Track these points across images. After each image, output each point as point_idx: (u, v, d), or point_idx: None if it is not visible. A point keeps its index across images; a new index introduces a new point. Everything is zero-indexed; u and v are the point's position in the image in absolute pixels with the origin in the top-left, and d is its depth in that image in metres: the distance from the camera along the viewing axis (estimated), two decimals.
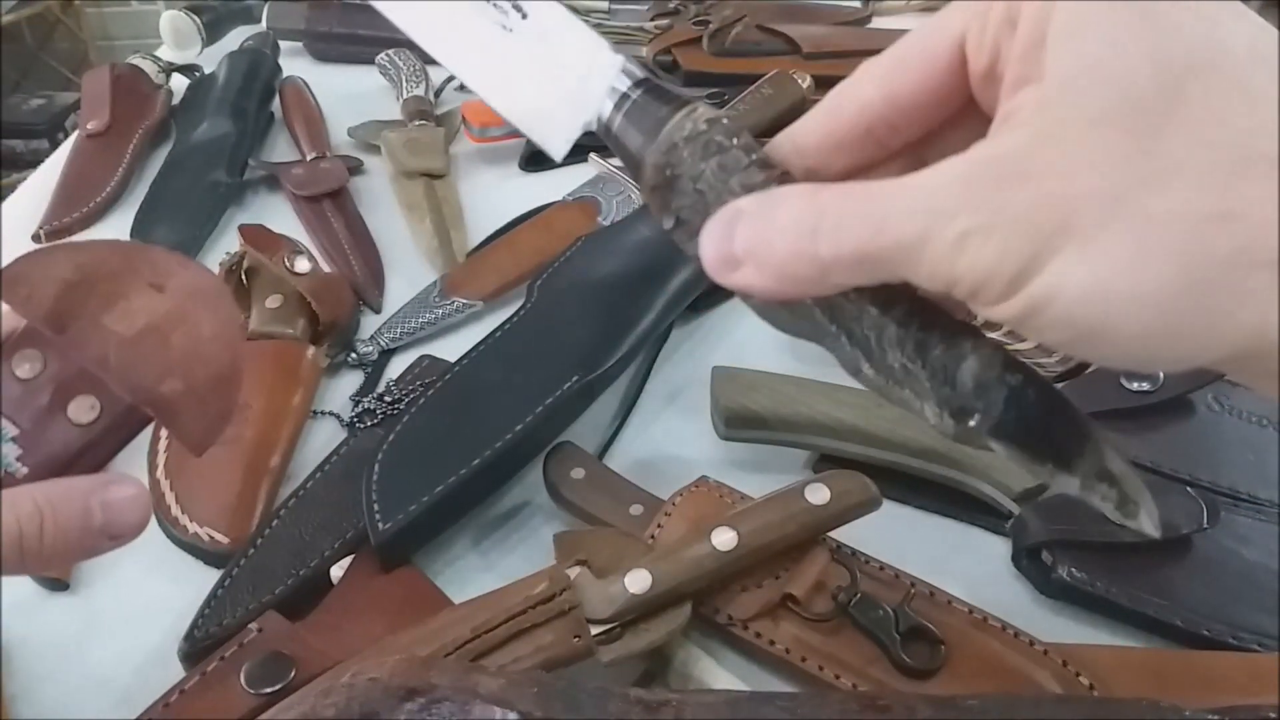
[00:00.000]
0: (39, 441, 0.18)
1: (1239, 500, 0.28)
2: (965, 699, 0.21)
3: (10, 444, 0.18)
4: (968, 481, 0.30)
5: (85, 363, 0.17)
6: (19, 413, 0.18)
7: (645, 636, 0.23)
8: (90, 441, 0.18)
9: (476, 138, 0.51)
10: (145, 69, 0.56)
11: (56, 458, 0.18)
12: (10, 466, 0.18)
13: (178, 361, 0.18)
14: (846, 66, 0.62)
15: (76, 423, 0.18)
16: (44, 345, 0.18)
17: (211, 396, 0.18)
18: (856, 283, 0.14)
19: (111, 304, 0.18)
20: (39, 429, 0.18)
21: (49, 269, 0.18)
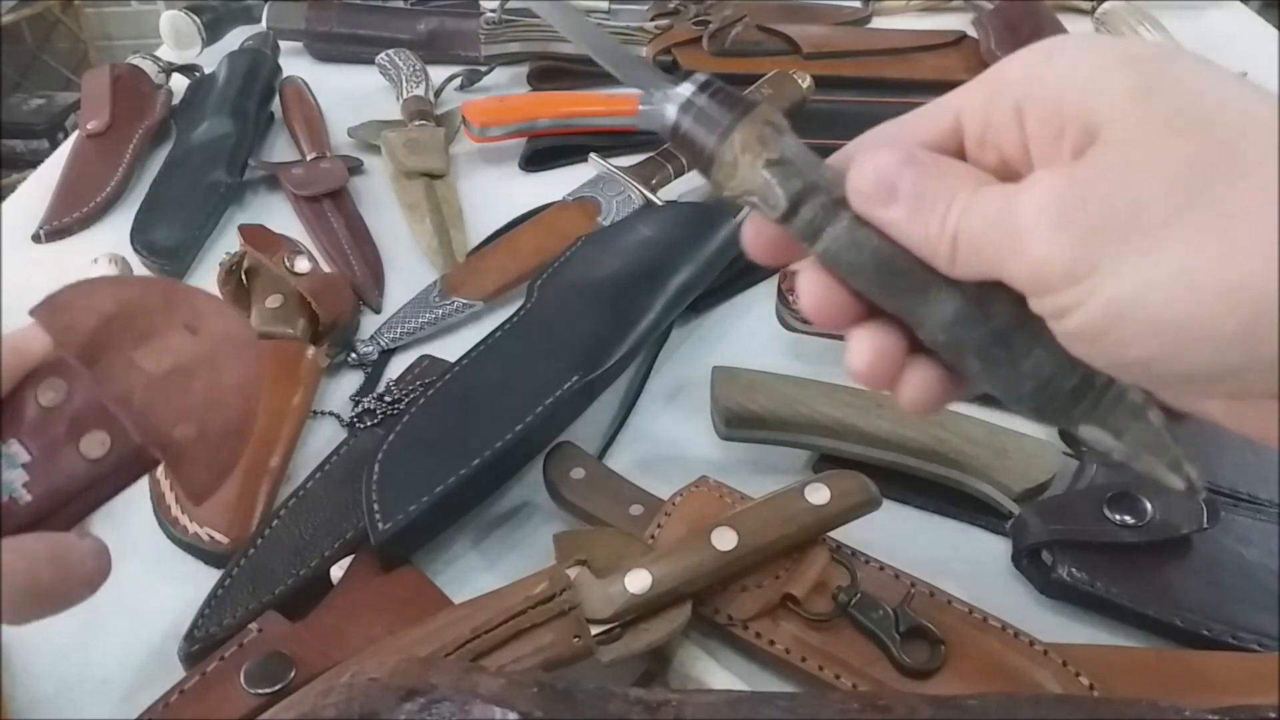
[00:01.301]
0: (47, 471, 0.17)
1: (1239, 500, 0.28)
2: (965, 699, 0.21)
3: (20, 470, 0.17)
4: (968, 481, 0.30)
5: (108, 398, 0.17)
6: (33, 440, 0.18)
7: (645, 636, 0.23)
8: (96, 478, 0.18)
9: (476, 137, 0.51)
10: (145, 69, 0.56)
11: (61, 490, 0.18)
12: (15, 492, 0.17)
13: (195, 407, 0.18)
14: (846, 66, 0.62)
15: (86, 457, 0.18)
16: (70, 376, 0.18)
17: (220, 447, 0.18)
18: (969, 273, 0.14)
19: (144, 341, 0.18)
20: (49, 458, 0.17)
21: (92, 300, 0.18)
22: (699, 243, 0.38)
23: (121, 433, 0.18)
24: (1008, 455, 0.29)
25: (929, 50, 0.58)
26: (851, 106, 0.53)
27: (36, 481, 0.17)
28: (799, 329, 0.36)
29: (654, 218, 0.41)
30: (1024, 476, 0.29)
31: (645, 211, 0.42)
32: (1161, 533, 0.26)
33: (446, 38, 0.62)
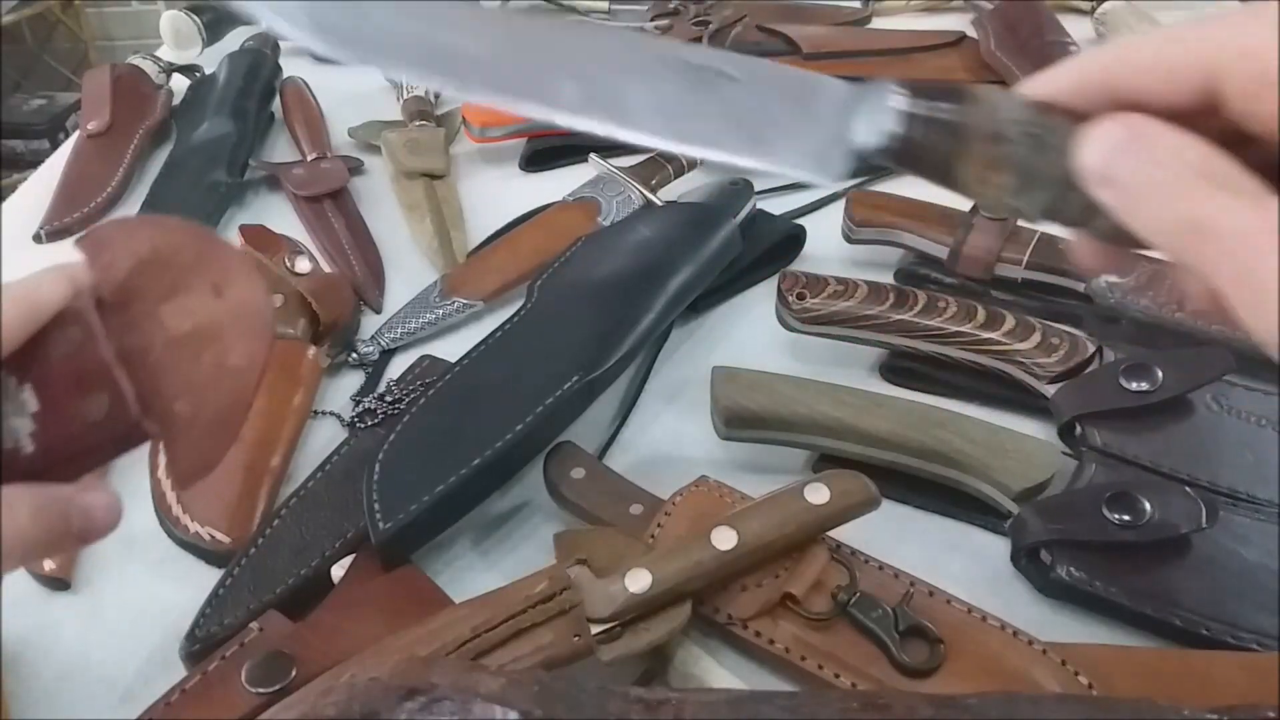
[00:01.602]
0: (52, 425, 0.16)
1: (1238, 500, 0.28)
2: (964, 698, 0.21)
3: (28, 419, 0.16)
4: (967, 481, 0.30)
5: (126, 349, 0.16)
6: (44, 389, 0.16)
7: (645, 636, 0.23)
8: (93, 442, 0.17)
9: (477, 138, 0.51)
10: (146, 69, 0.56)
11: (62, 447, 0.17)
12: (20, 441, 0.16)
13: (198, 382, 0.17)
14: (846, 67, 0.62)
15: (86, 419, 0.17)
16: (88, 330, 0.17)
17: (214, 431, 0.17)
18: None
19: (172, 295, 0.17)
20: (55, 411, 0.16)
21: (131, 240, 0.17)
22: (699, 243, 0.38)
23: (121, 401, 0.17)
24: (1007, 455, 0.29)
25: (929, 50, 0.58)
26: None
27: (42, 433, 0.16)
28: (799, 329, 0.36)
29: (654, 218, 0.41)
30: (1023, 476, 0.29)
31: (645, 212, 0.42)
32: (1160, 532, 0.26)
33: None
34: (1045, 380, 0.32)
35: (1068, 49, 0.55)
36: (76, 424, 0.17)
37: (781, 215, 0.45)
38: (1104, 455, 0.30)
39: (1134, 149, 0.13)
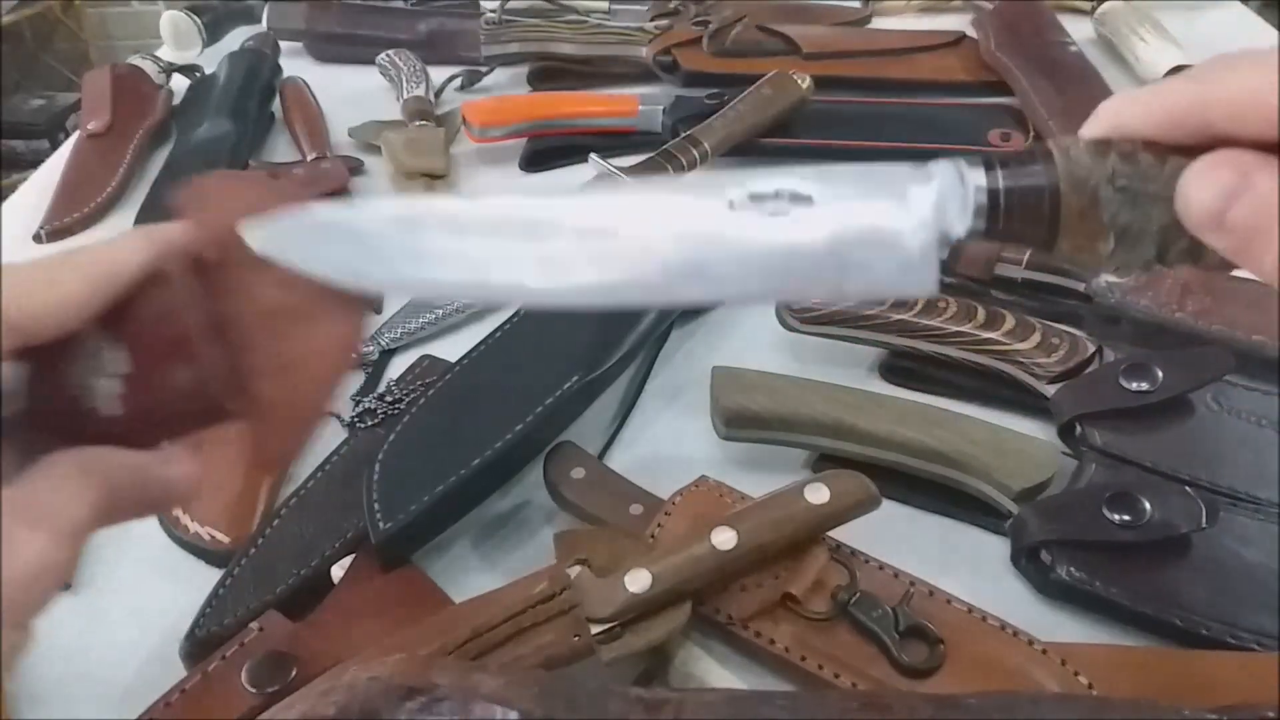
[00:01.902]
0: (140, 390, 0.15)
1: (1238, 500, 0.28)
2: (964, 698, 0.21)
3: (116, 380, 0.15)
4: (967, 481, 0.30)
5: (218, 316, 0.15)
6: (136, 352, 0.15)
7: (645, 636, 0.23)
8: (176, 412, 0.16)
9: (477, 138, 0.51)
10: (146, 69, 0.56)
11: (147, 416, 0.15)
12: (107, 404, 0.15)
13: (285, 362, 0.16)
14: (846, 67, 0.61)
15: (174, 387, 0.15)
16: (185, 295, 0.15)
17: (297, 417, 0.16)
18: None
19: (265, 263, 0.16)
20: (144, 377, 0.15)
21: (234, 197, 0.16)
22: None
23: (210, 373, 0.16)
24: (1007, 455, 0.29)
25: (928, 50, 0.58)
26: (851, 107, 0.53)
27: (128, 396, 0.15)
28: (799, 329, 0.36)
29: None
30: (1023, 476, 0.29)
31: None
32: (1160, 532, 0.26)
33: (447, 38, 0.62)
34: (1045, 380, 0.32)
35: (1067, 49, 0.55)
36: (165, 391, 0.16)
37: None
38: (1104, 455, 0.30)
39: (1245, 193, 0.12)
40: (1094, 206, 0.14)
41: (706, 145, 0.46)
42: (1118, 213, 0.14)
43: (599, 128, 0.52)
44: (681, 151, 0.45)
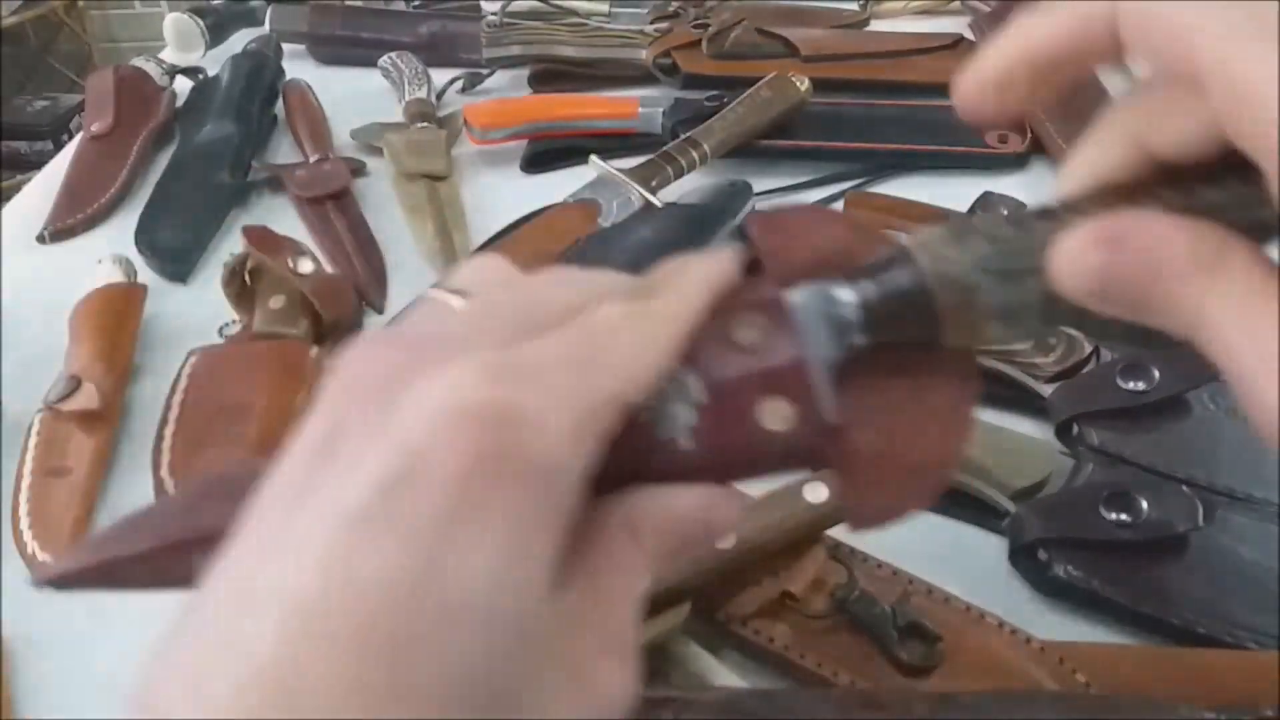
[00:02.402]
0: (717, 425, 0.13)
1: (1235, 499, 0.29)
2: (962, 696, 0.21)
3: (691, 410, 0.13)
4: (965, 480, 0.30)
5: (814, 364, 0.13)
6: (714, 380, 0.14)
7: (644, 634, 0.23)
8: (763, 454, 0.14)
9: (478, 140, 0.52)
10: (149, 71, 0.56)
11: (725, 454, 0.14)
12: (678, 434, 0.13)
13: (891, 418, 0.14)
14: (844, 69, 0.62)
15: (762, 425, 0.13)
16: (778, 318, 0.14)
17: (903, 478, 0.14)
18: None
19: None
20: (723, 410, 0.13)
21: (813, 233, 0.15)
22: (698, 244, 0.38)
23: (812, 414, 0.14)
24: (1004, 454, 0.29)
25: (926, 53, 0.58)
26: (850, 109, 0.53)
27: (703, 431, 0.13)
28: None
29: (654, 219, 0.41)
30: (1020, 475, 0.29)
31: (645, 213, 0.43)
32: (1157, 531, 0.26)
33: (448, 41, 0.63)
34: (1042, 380, 0.32)
35: None
36: (747, 428, 0.14)
37: None
38: (1101, 454, 0.30)
39: (1110, 263, 0.12)
40: (969, 296, 0.13)
41: (706, 147, 0.46)
42: (995, 296, 0.13)
43: (599, 130, 0.52)
44: (681, 153, 0.46)
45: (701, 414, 0.14)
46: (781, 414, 0.14)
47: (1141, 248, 0.12)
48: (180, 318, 0.40)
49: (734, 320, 0.14)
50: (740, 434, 0.14)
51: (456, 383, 0.11)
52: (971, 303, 0.13)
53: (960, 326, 0.13)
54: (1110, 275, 0.12)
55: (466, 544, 0.10)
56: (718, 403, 0.14)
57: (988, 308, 0.13)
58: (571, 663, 0.12)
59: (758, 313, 0.14)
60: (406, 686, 0.10)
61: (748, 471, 0.14)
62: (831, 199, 0.47)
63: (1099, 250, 0.12)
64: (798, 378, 0.14)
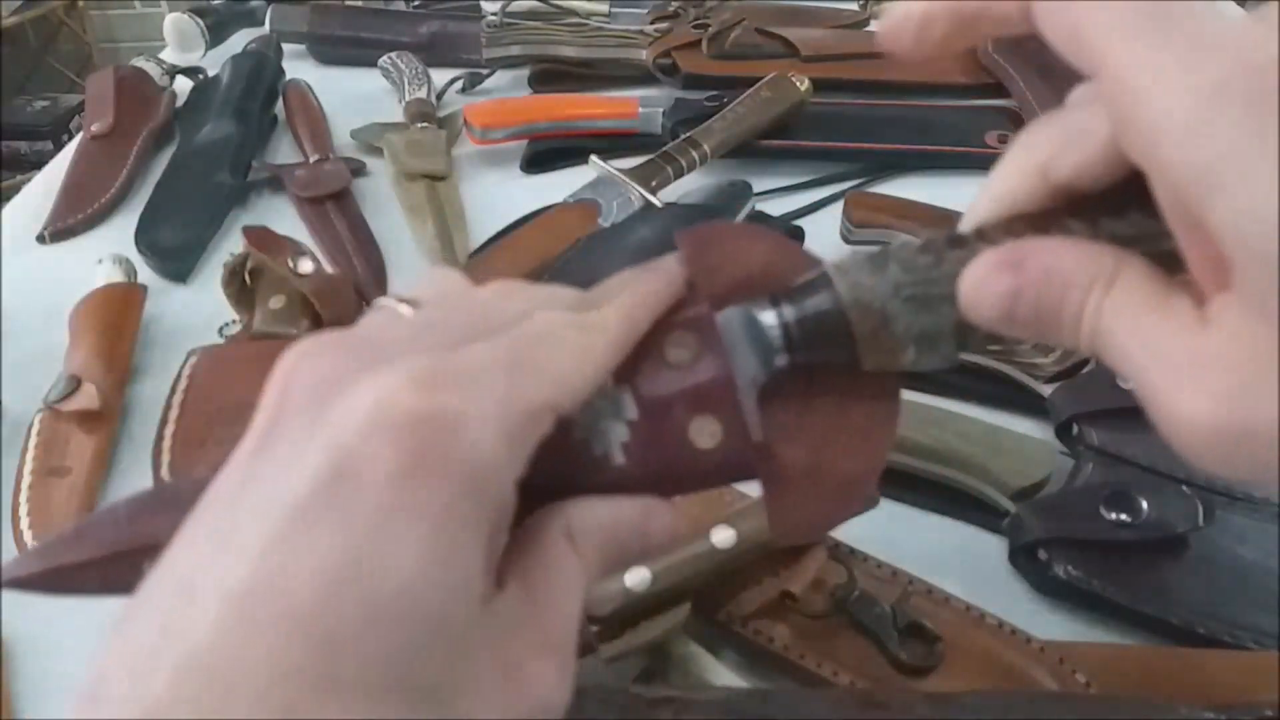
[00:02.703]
0: (649, 442, 0.14)
1: (1235, 499, 0.28)
2: (962, 696, 0.21)
3: (623, 427, 0.14)
4: (965, 480, 0.30)
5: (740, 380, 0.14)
6: (645, 397, 0.14)
7: (645, 634, 0.23)
8: (692, 472, 0.14)
9: (478, 140, 0.51)
10: (149, 71, 0.56)
11: (655, 471, 0.14)
12: (611, 450, 0.14)
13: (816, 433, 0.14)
14: (845, 69, 0.62)
15: (692, 444, 0.14)
16: (706, 337, 0.14)
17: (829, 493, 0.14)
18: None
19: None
20: (655, 427, 0.14)
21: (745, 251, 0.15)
22: None
23: (738, 431, 0.14)
24: (1004, 454, 0.29)
25: None
26: (850, 109, 0.53)
27: (635, 447, 0.14)
28: None
29: (654, 219, 0.41)
30: (1020, 475, 0.29)
31: (645, 213, 0.43)
32: (1157, 531, 0.26)
33: (448, 41, 0.63)
34: (1042, 380, 0.32)
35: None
36: (677, 445, 0.14)
37: (780, 216, 0.45)
38: (1101, 454, 0.30)
39: (1022, 290, 0.12)
40: (884, 322, 0.14)
41: (706, 147, 0.46)
42: (910, 322, 0.13)
43: (599, 130, 0.52)
44: (681, 153, 0.46)
45: (633, 430, 0.14)
46: (709, 431, 0.14)
47: (1042, 268, 0.12)
48: (180, 318, 0.40)
49: (666, 339, 0.14)
50: (670, 450, 0.14)
51: (389, 385, 0.12)
52: (887, 328, 0.14)
53: (876, 350, 0.14)
54: (1014, 299, 0.12)
55: (396, 540, 0.11)
56: (649, 420, 0.14)
57: (903, 333, 0.14)
58: (505, 663, 0.12)
59: (689, 332, 0.15)
60: (336, 676, 0.10)
61: (678, 486, 0.15)
62: (831, 199, 0.47)
63: (1002, 275, 0.12)
64: (724, 396, 0.14)
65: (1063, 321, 0.12)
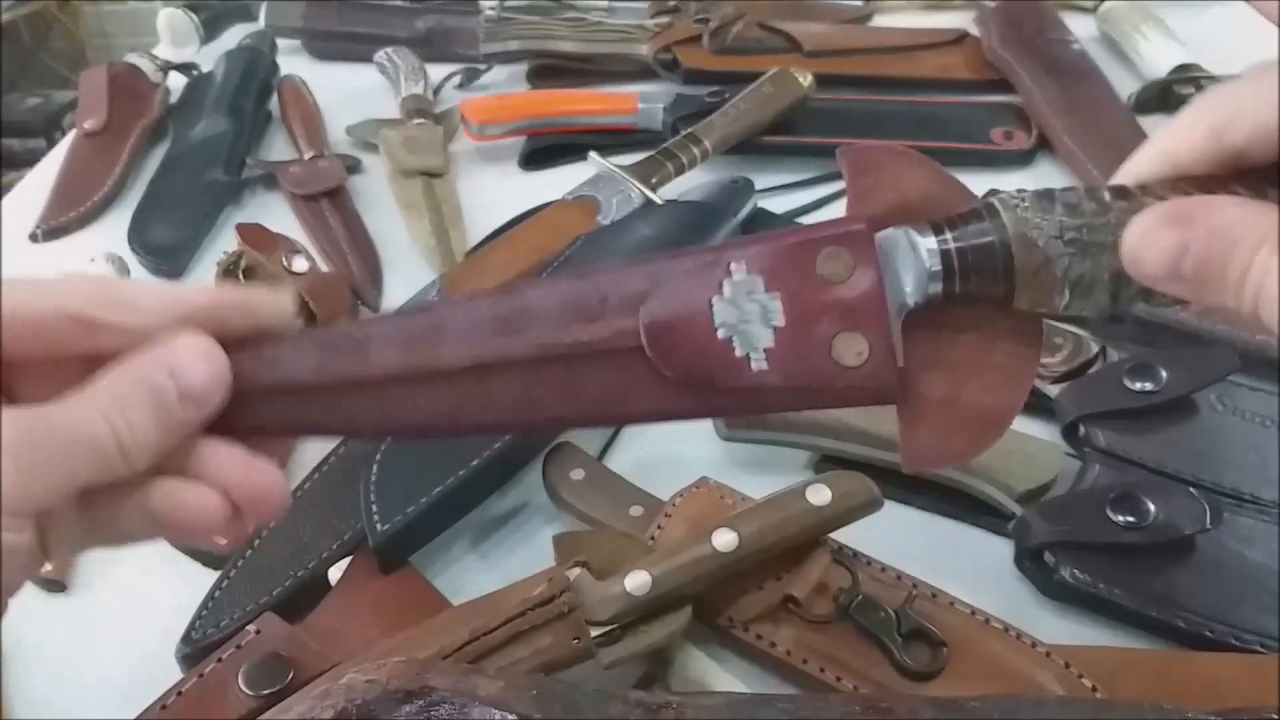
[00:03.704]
0: (792, 351, 0.14)
1: (1242, 501, 0.28)
2: (967, 701, 0.20)
3: (769, 331, 0.14)
4: (970, 482, 0.30)
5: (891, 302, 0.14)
6: (794, 306, 0.14)
7: (645, 638, 0.23)
8: (828, 387, 0.14)
9: (475, 136, 0.51)
10: (142, 67, 0.55)
11: (795, 381, 0.14)
12: (756, 356, 0.14)
13: (958, 366, 0.14)
14: (848, 64, 0.61)
15: (836, 360, 0.14)
16: (862, 255, 0.14)
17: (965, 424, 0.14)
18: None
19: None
20: (800, 337, 0.14)
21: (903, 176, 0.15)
22: (699, 242, 0.38)
23: (884, 352, 0.14)
24: (1010, 456, 0.29)
25: (930, 48, 0.58)
26: (853, 104, 0.53)
27: (778, 354, 0.14)
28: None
29: (654, 217, 0.41)
30: (1026, 477, 0.29)
31: (645, 210, 0.42)
32: (1164, 534, 0.26)
33: (445, 36, 0.62)
34: (1048, 381, 0.32)
35: (1070, 47, 0.55)
36: (822, 358, 0.14)
37: (783, 213, 0.44)
38: (1108, 456, 0.30)
39: (1190, 245, 0.12)
40: (1046, 262, 0.14)
41: (707, 143, 0.46)
42: (1070, 266, 0.14)
43: (598, 125, 0.51)
44: (681, 150, 0.45)
45: (778, 337, 0.14)
46: (856, 348, 0.14)
47: (1212, 226, 0.12)
48: None
49: (821, 252, 0.14)
50: (813, 362, 0.14)
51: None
52: (1049, 269, 0.14)
53: (1033, 289, 0.14)
54: (1180, 253, 0.12)
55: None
56: (795, 328, 0.14)
57: (1061, 275, 0.14)
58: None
59: (843, 248, 0.14)
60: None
61: (815, 399, 0.15)
62: (834, 196, 0.46)
63: (1170, 229, 0.13)
64: (875, 315, 0.14)
65: (1228, 279, 0.12)
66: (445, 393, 0.15)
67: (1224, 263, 0.12)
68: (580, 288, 0.15)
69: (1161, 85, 0.52)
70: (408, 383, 0.15)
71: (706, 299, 0.14)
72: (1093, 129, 0.47)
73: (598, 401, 0.15)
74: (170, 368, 0.15)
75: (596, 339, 0.14)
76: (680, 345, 0.14)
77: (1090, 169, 0.45)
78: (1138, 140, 0.49)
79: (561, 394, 0.15)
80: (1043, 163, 0.49)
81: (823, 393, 0.15)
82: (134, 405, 0.14)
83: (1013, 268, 0.14)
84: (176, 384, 0.15)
